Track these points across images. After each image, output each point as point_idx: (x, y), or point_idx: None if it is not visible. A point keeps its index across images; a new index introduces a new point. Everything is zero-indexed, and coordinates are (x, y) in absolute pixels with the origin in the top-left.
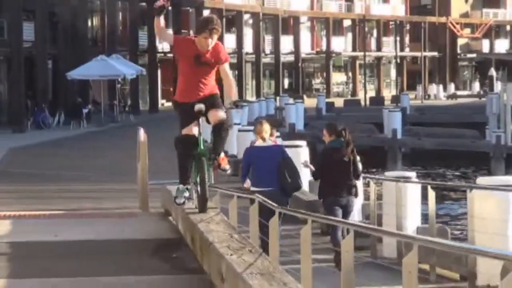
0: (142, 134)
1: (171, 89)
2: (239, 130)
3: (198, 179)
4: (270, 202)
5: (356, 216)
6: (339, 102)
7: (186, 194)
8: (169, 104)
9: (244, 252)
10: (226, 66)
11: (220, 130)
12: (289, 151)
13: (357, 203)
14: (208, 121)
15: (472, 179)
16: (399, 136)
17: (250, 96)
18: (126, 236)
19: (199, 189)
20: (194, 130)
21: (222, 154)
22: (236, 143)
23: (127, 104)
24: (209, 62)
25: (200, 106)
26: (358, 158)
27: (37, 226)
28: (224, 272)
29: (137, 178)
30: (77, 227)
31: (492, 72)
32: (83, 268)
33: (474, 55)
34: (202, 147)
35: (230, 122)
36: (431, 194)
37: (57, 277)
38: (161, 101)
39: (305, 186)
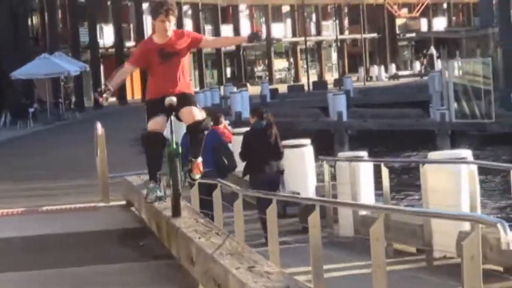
0: (99, 127)
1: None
2: None
3: (170, 181)
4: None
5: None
6: (282, 88)
7: (158, 192)
8: (113, 99)
9: (212, 235)
10: (205, 38)
11: (195, 132)
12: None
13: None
14: (178, 119)
15: (420, 156)
16: (344, 118)
17: (193, 86)
18: (91, 228)
19: (171, 192)
20: (162, 125)
21: (199, 159)
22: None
23: (72, 101)
24: (177, 51)
25: (171, 99)
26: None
27: (0, 223)
28: (194, 255)
29: (96, 172)
30: (40, 223)
31: (432, 50)
32: (52, 260)
33: (413, 34)
34: (174, 146)
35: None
36: (385, 171)
37: (27, 271)
38: None
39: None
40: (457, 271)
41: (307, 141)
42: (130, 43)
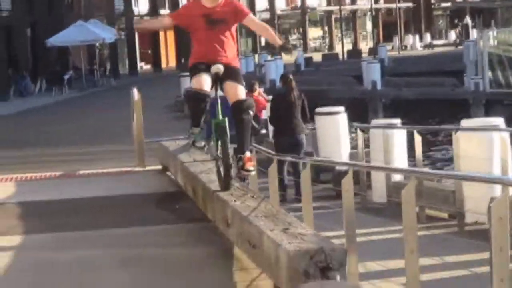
0: (136, 93)
1: (149, 51)
2: None
3: (218, 153)
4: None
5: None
6: (317, 57)
7: (203, 136)
8: (148, 67)
9: (247, 198)
10: (251, 17)
11: (239, 112)
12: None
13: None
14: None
15: (454, 124)
16: (379, 87)
17: None
18: (128, 192)
19: (221, 167)
20: (205, 84)
21: (248, 153)
22: None
23: (106, 68)
24: (224, 19)
25: (218, 67)
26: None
27: (40, 187)
28: (230, 217)
29: (131, 137)
30: (77, 186)
31: (467, 20)
32: (91, 222)
33: (448, 4)
34: (221, 116)
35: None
36: (417, 138)
37: (68, 231)
38: (139, 64)
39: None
40: (487, 236)
41: (341, 108)
42: (164, 11)
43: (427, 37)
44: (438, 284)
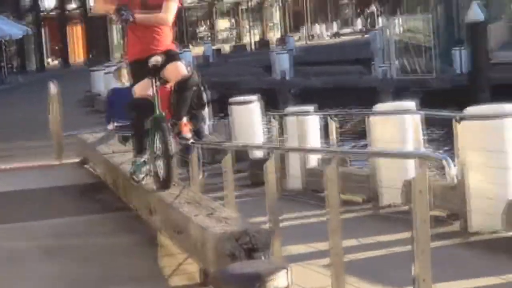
0: (53, 87)
1: (56, 48)
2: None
3: (158, 151)
4: None
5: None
6: (225, 49)
7: (145, 168)
8: (56, 62)
9: None
10: (171, 4)
11: (182, 89)
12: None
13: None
14: (164, 81)
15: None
16: (288, 77)
17: None
18: (48, 185)
19: (161, 163)
20: (149, 89)
21: (185, 119)
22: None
23: (14, 65)
24: (160, 3)
25: (156, 59)
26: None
27: None
28: (153, 205)
29: (47, 133)
30: None
31: (373, 8)
32: (13, 215)
33: None
34: (158, 111)
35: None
36: (332, 124)
37: None
38: (47, 60)
39: None
40: (402, 217)
41: (254, 97)
42: (71, 5)
43: (334, 26)
44: (357, 264)
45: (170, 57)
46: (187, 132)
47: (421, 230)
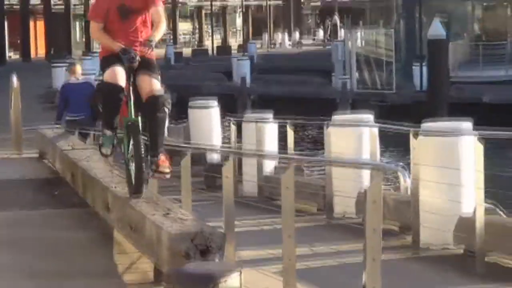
0: (15, 80)
1: (19, 40)
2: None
3: (130, 155)
4: None
5: None
6: (187, 52)
7: (113, 142)
8: (17, 56)
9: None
10: (160, 9)
11: (154, 110)
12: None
13: None
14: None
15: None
16: (248, 83)
17: (98, 47)
18: (6, 177)
19: (132, 167)
20: (120, 77)
21: (162, 156)
22: None
23: None
24: (137, 8)
25: (134, 54)
26: None
27: None
28: (110, 202)
29: (6, 126)
30: None
31: (336, 19)
32: None
33: (318, 3)
34: (133, 115)
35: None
36: (290, 131)
37: None
38: (8, 53)
39: None
40: (355, 227)
41: (214, 102)
42: (34, 1)
43: (296, 35)
44: (309, 271)
45: (144, 63)
46: (165, 167)
47: (373, 239)
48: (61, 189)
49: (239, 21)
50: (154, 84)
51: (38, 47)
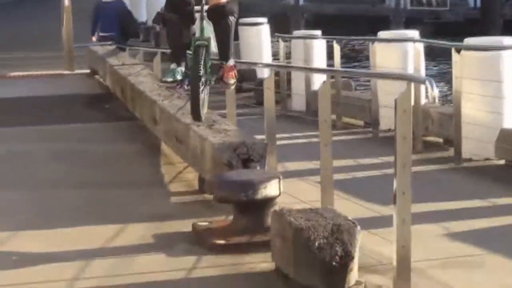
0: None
1: None
2: None
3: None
4: None
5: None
6: None
7: (179, 75)
8: None
9: (173, 99)
10: None
11: (217, 17)
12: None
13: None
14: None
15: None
16: (301, 2)
17: None
18: (60, 92)
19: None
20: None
21: (231, 62)
22: (146, 10)
23: None
24: None
25: None
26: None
27: None
28: (158, 115)
29: (59, 45)
30: (11, 87)
31: None
32: (25, 119)
33: None
34: (201, 33)
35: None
36: (336, 48)
37: (2, 127)
38: None
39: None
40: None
41: (264, 19)
42: None
43: None
44: (351, 181)
45: None
46: (230, 77)
47: (403, 146)
48: (112, 104)
49: None
50: None
51: None
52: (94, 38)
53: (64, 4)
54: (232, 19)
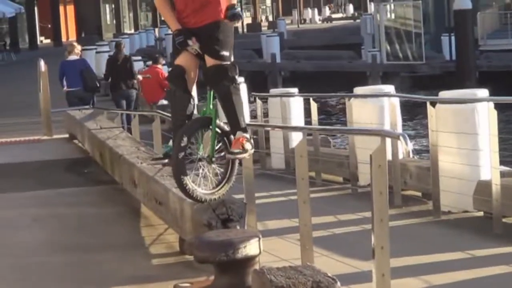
0: (42, 64)
1: (49, 25)
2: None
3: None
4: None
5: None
6: None
7: (167, 149)
8: (48, 41)
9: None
10: None
11: (215, 81)
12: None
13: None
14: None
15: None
16: (278, 60)
17: (128, 29)
18: (38, 158)
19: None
20: (187, 62)
21: (240, 133)
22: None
23: (6, 43)
24: None
25: (192, 41)
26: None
27: None
28: (137, 178)
29: (37, 110)
30: None
31: None
32: (4, 186)
33: None
34: (210, 106)
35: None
36: (313, 106)
37: None
38: (39, 38)
39: None
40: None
41: (241, 78)
42: None
43: (326, 10)
44: (330, 238)
45: (212, 33)
46: (237, 147)
47: (379, 201)
48: (91, 168)
49: None
50: (220, 49)
51: (69, 31)
52: (65, 89)
53: (40, 69)
54: (227, 83)
